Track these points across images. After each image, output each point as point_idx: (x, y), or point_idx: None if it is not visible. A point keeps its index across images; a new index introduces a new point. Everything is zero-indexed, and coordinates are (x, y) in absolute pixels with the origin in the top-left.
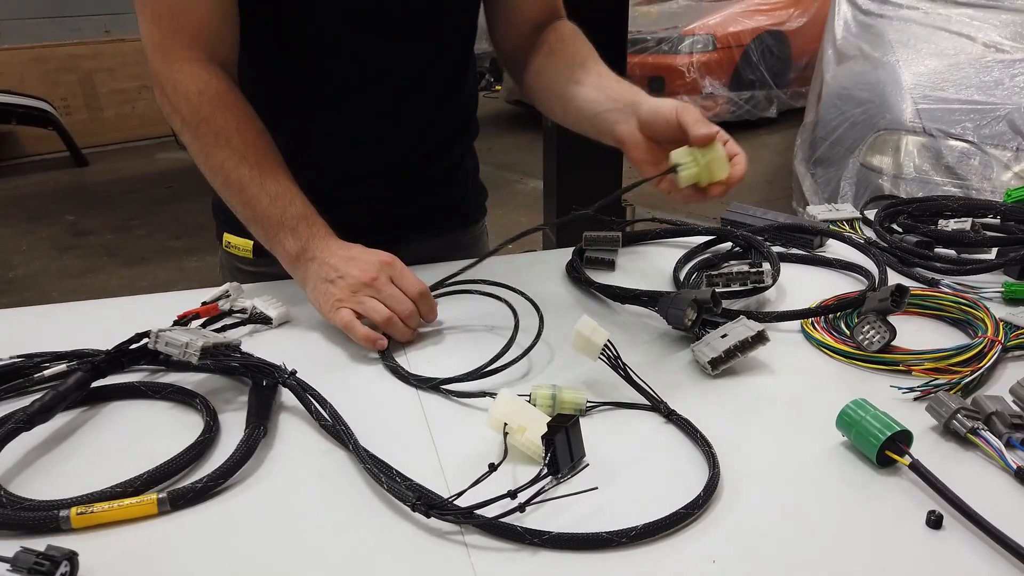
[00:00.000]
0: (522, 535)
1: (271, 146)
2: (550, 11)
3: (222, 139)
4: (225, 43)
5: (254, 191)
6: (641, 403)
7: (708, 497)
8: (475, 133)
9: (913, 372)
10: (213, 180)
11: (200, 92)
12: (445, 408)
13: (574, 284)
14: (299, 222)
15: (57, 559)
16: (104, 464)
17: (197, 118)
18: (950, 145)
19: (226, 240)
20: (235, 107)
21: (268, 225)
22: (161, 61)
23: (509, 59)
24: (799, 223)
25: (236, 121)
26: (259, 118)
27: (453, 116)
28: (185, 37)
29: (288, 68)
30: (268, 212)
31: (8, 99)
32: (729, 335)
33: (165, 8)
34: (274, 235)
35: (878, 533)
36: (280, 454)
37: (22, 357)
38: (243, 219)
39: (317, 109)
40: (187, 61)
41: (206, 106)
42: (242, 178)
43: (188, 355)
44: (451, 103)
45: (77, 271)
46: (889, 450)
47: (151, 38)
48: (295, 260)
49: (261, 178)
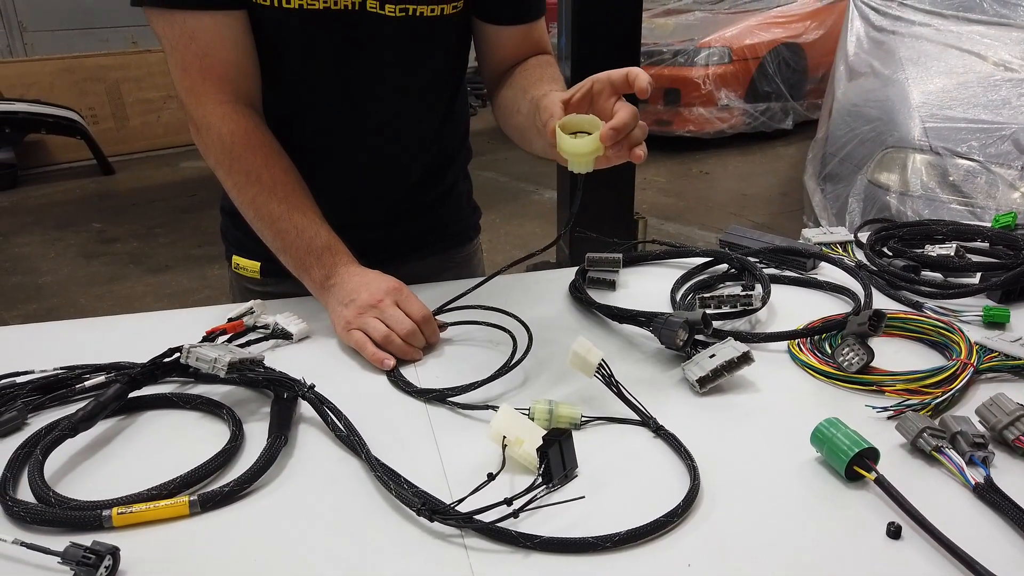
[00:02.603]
0: (516, 539)
1: (298, 181)
2: (531, 54)
3: (252, 177)
4: (250, 82)
5: (283, 224)
6: (632, 418)
7: (687, 507)
8: (467, 157)
9: (887, 392)
10: (245, 213)
11: (231, 133)
12: (450, 420)
13: (576, 303)
14: (324, 252)
15: (102, 553)
16: (140, 468)
17: (229, 158)
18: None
19: (235, 262)
20: (264, 146)
21: (297, 255)
22: (194, 105)
23: (491, 90)
24: (793, 246)
25: (265, 159)
26: (285, 154)
27: (445, 144)
28: (214, 80)
29: (282, 101)
30: (296, 244)
31: (38, 108)
32: (717, 355)
33: (192, 56)
34: (302, 264)
35: (841, 541)
36: (299, 461)
37: (64, 369)
38: (274, 249)
39: (314, 142)
40: (217, 103)
41: (237, 146)
42: (272, 212)
43: (216, 369)
44: (443, 132)
45: (104, 278)
46: (857, 465)
47: (182, 84)
48: (320, 287)
49: (289, 212)
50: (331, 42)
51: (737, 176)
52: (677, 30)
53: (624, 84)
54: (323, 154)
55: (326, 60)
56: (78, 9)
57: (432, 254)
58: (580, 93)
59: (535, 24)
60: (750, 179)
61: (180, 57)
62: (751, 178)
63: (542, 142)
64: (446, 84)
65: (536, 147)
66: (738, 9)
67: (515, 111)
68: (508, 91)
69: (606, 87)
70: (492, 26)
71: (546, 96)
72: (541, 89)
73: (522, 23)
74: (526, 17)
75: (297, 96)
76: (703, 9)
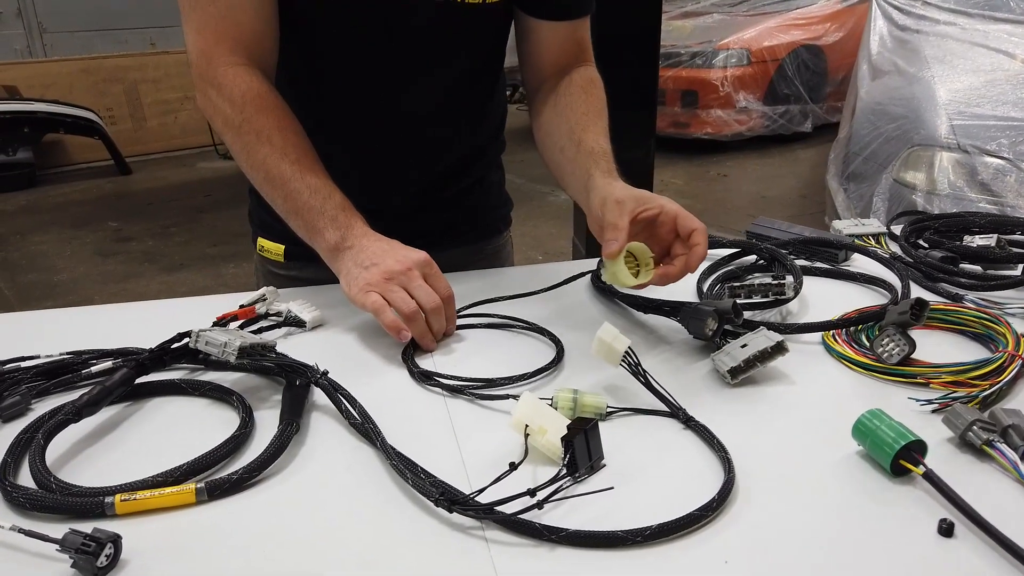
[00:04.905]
0: (540, 531)
1: (309, 145)
2: (574, 56)
3: (263, 137)
4: (266, 49)
5: (295, 184)
6: (660, 409)
7: (723, 500)
8: (501, 148)
9: (931, 384)
10: (254, 177)
11: (243, 94)
12: (469, 411)
13: (598, 293)
14: (339, 213)
15: (103, 541)
16: (146, 455)
17: (240, 118)
18: (985, 162)
19: (260, 244)
20: (276, 108)
21: (308, 216)
22: (206, 66)
23: (531, 96)
24: (824, 237)
25: (277, 121)
26: (298, 121)
27: (480, 133)
28: (228, 43)
29: (315, 82)
30: (308, 204)
31: (56, 109)
32: (749, 345)
33: (210, 17)
34: (314, 226)
35: (890, 540)
36: (311, 450)
37: (71, 354)
38: (283, 213)
39: (345, 125)
40: (230, 64)
41: (249, 107)
42: (283, 173)
43: (226, 354)
44: (478, 120)
45: (119, 276)
46: (903, 459)
47: (196, 45)
48: (334, 250)
49: (301, 173)
50: (370, 23)
51: (756, 179)
52: (695, 32)
53: (685, 234)
54: (354, 137)
55: (363, 41)
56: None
57: (460, 245)
58: (646, 215)
59: (580, 23)
60: (769, 181)
61: (198, 17)
62: (770, 180)
63: (581, 199)
64: (483, 74)
65: (570, 192)
66: (757, 11)
67: (557, 148)
68: (552, 115)
69: (669, 224)
70: (535, 20)
71: (608, 183)
72: (589, 135)
73: (566, 19)
74: (570, 13)
75: (331, 77)
76: (721, 11)
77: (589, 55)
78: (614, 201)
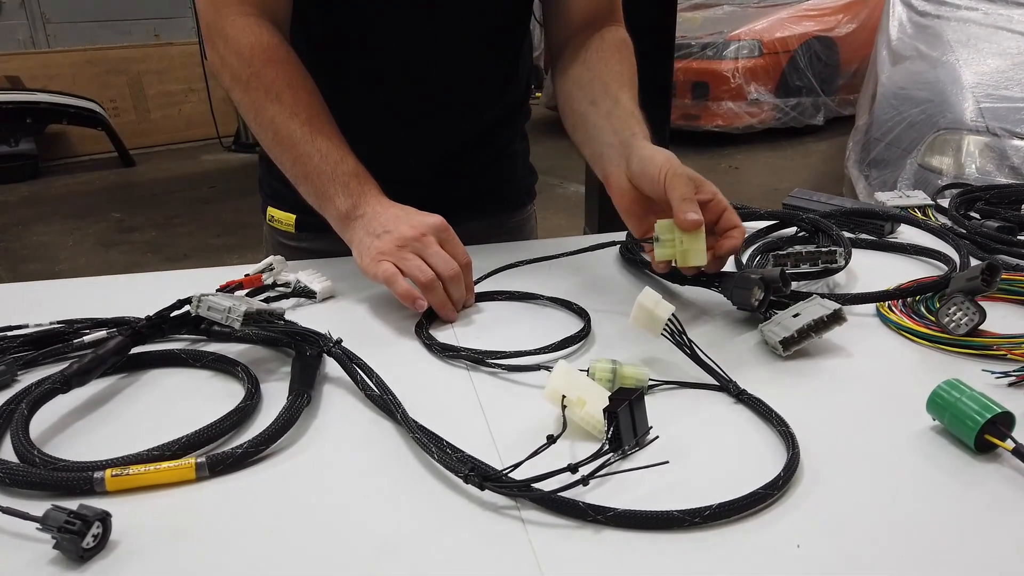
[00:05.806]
0: (584, 511)
1: (322, 104)
2: (604, 11)
3: (272, 94)
4: (279, 2)
5: (305, 148)
6: (708, 383)
7: (788, 478)
8: (527, 116)
9: (1009, 356)
10: (262, 137)
11: (251, 46)
12: (495, 384)
13: (628, 266)
14: (351, 179)
15: (89, 519)
16: (142, 430)
17: (248, 72)
18: (1015, 145)
19: (269, 214)
20: (287, 62)
21: (319, 182)
22: (214, 15)
23: (555, 54)
24: (869, 207)
25: (288, 77)
26: (310, 76)
27: (504, 99)
28: None
29: (336, 44)
30: (319, 169)
31: (60, 100)
32: (802, 314)
33: None
34: (324, 192)
35: (979, 520)
36: (324, 424)
37: (62, 323)
38: (292, 177)
39: (364, 86)
40: (240, 14)
41: (257, 60)
42: (293, 134)
43: (231, 320)
44: (502, 86)
45: (121, 267)
46: (989, 434)
47: None
48: (344, 218)
49: (312, 135)
50: None
51: (767, 171)
52: (706, 23)
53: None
54: (375, 100)
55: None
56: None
57: (483, 216)
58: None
59: None
60: (781, 174)
61: None
62: (782, 172)
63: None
64: (509, 35)
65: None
66: (768, 2)
67: (587, 100)
68: (582, 70)
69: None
70: None
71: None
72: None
73: None
74: None
75: (348, 33)
76: (732, 3)
77: (619, 15)
78: (684, 175)
